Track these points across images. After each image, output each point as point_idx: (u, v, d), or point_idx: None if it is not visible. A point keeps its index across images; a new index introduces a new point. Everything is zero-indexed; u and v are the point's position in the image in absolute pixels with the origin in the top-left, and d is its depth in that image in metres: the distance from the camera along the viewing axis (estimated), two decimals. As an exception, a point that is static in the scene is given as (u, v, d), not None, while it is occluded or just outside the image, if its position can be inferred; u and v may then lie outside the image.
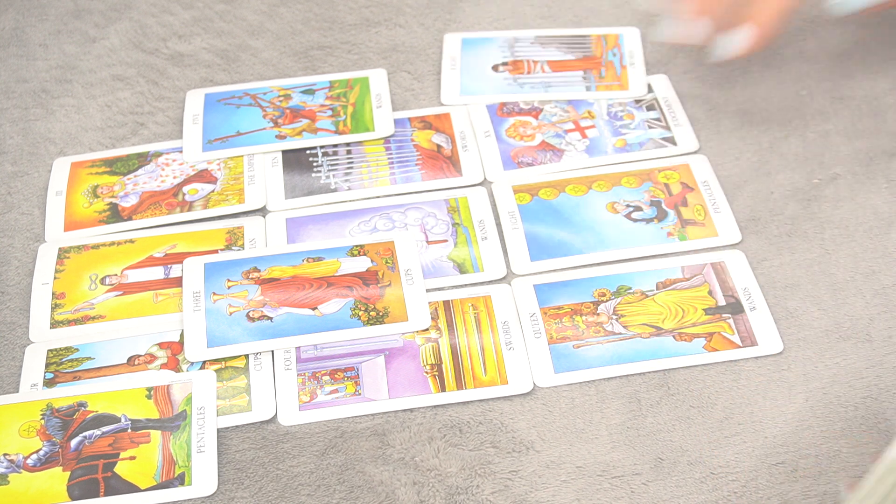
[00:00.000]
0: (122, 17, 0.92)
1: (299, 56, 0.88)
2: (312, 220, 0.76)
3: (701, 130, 0.80)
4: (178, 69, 0.87)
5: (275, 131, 0.81)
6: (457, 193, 0.77)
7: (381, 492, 0.62)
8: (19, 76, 0.87)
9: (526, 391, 0.66)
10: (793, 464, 0.62)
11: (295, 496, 0.62)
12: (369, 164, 0.79)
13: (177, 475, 0.63)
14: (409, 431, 0.65)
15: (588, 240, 0.73)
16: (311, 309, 0.70)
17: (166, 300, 0.71)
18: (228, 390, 0.66)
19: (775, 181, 0.77)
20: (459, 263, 0.73)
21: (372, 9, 0.91)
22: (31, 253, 0.75)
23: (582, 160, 0.78)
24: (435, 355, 0.68)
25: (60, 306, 0.71)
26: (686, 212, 0.75)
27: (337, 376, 0.67)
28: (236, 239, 0.75)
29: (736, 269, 0.71)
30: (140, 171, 0.79)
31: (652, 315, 0.69)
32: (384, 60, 0.87)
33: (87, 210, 0.77)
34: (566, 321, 0.69)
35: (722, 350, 0.67)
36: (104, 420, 0.65)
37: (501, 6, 0.91)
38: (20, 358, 0.69)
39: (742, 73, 0.84)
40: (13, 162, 0.81)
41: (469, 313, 0.70)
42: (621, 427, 0.64)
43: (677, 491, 0.61)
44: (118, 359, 0.68)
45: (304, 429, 0.65)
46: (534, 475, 0.62)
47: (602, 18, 0.89)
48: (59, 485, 0.62)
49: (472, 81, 0.84)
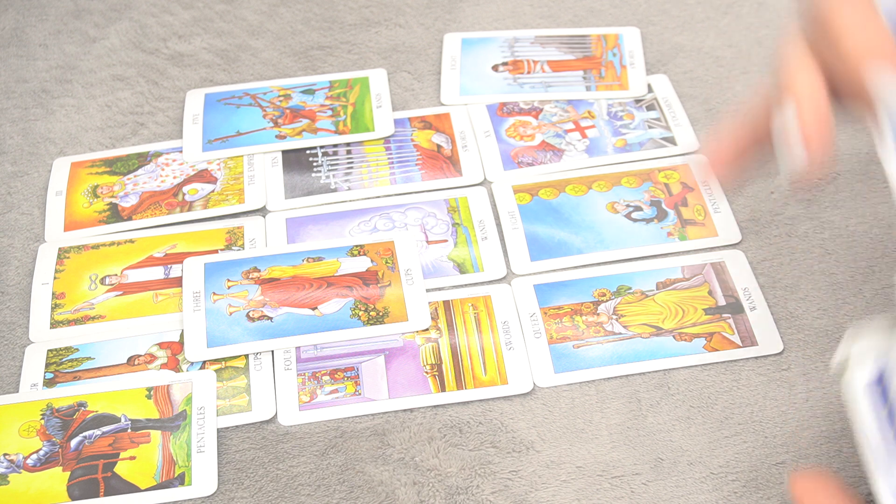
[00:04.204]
0: (122, 17, 0.92)
1: (299, 56, 0.88)
2: (312, 220, 0.76)
3: (701, 130, 0.80)
4: (178, 69, 0.87)
5: (275, 131, 0.81)
6: (457, 193, 0.77)
7: (381, 492, 0.62)
8: (19, 76, 0.87)
9: (526, 391, 0.66)
10: (793, 464, 0.62)
11: (295, 496, 0.62)
12: (369, 164, 0.79)
13: (177, 475, 0.63)
14: (409, 431, 0.65)
15: (588, 240, 0.74)
16: (311, 309, 0.70)
17: (166, 300, 0.71)
18: (228, 390, 0.67)
19: (775, 181, 0.77)
20: (459, 263, 0.73)
21: (372, 9, 0.91)
22: (31, 253, 0.75)
23: (582, 160, 0.79)
24: (435, 355, 0.68)
25: (60, 306, 0.71)
26: (686, 212, 0.75)
27: (337, 376, 0.67)
28: (236, 239, 0.75)
29: (736, 269, 0.71)
30: (140, 171, 0.79)
31: (652, 315, 0.69)
32: (384, 60, 0.87)
33: (87, 210, 0.77)
34: (566, 321, 0.69)
35: (722, 350, 0.67)
36: (104, 420, 0.65)
37: (501, 6, 0.91)
38: (20, 358, 0.69)
39: (742, 73, 0.84)
40: (13, 162, 0.81)
41: (469, 313, 0.70)
42: (621, 427, 0.64)
43: (677, 491, 0.61)
44: (118, 359, 0.68)
45: (304, 429, 0.65)
46: (534, 475, 0.62)
47: (602, 18, 0.89)
48: (59, 485, 0.62)
49: (472, 81, 0.84)
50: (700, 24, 0.89)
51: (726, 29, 0.88)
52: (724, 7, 0.90)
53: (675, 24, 0.89)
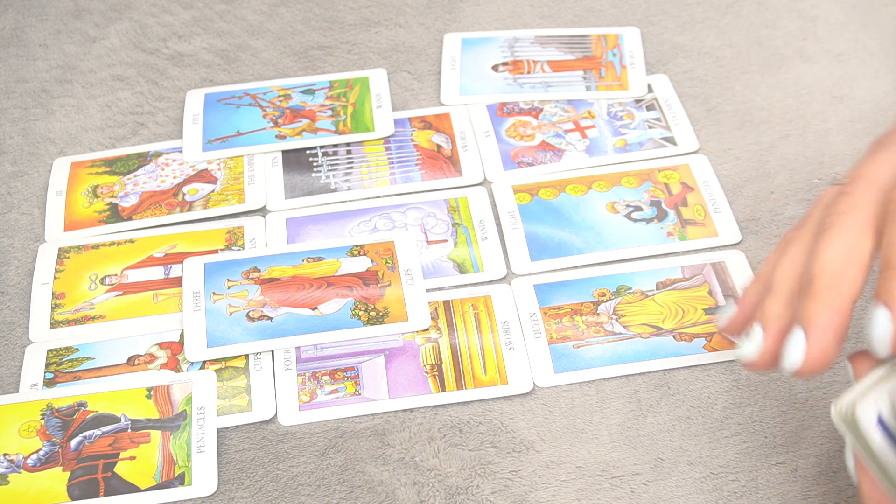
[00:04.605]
0: (122, 17, 0.92)
1: (299, 56, 0.88)
2: (312, 220, 0.76)
3: (701, 130, 0.80)
4: (178, 69, 0.87)
5: (275, 131, 0.81)
6: (457, 193, 0.77)
7: (381, 492, 0.62)
8: (19, 76, 0.87)
9: (526, 391, 0.66)
10: (793, 464, 0.62)
11: (295, 496, 0.62)
12: (369, 164, 0.79)
13: (177, 475, 0.63)
14: (409, 431, 0.65)
15: (588, 240, 0.74)
16: (311, 309, 0.70)
17: (166, 300, 0.71)
18: (228, 390, 0.67)
19: (775, 181, 0.77)
20: (459, 263, 0.73)
21: (372, 9, 0.91)
22: (31, 253, 0.75)
23: (582, 160, 0.79)
24: (435, 355, 0.68)
25: (60, 306, 0.71)
26: (686, 212, 0.75)
27: (337, 376, 0.67)
28: (236, 239, 0.75)
29: (736, 269, 0.71)
30: (140, 171, 0.79)
31: (652, 315, 0.69)
32: (384, 60, 0.87)
33: (87, 210, 0.77)
34: (566, 321, 0.69)
35: (722, 350, 0.67)
36: (104, 420, 0.65)
37: (501, 6, 0.91)
38: (20, 358, 0.69)
39: (742, 73, 0.84)
40: (13, 162, 0.81)
41: (469, 313, 0.70)
42: (621, 427, 0.64)
43: (677, 491, 0.61)
44: (118, 359, 0.68)
45: (304, 429, 0.65)
46: (534, 475, 0.62)
47: (602, 18, 0.89)
48: (59, 485, 0.62)
49: (472, 81, 0.84)
50: (700, 24, 0.89)
51: (726, 29, 0.88)
52: (724, 7, 0.90)
53: (675, 24, 0.89)
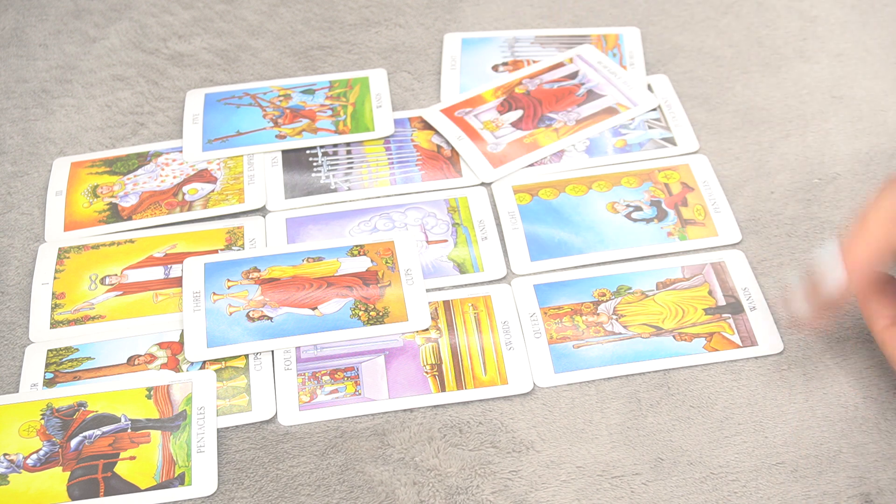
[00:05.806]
0: (122, 17, 0.92)
1: (299, 56, 0.88)
2: (312, 220, 0.76)
3: (701, 130, 0.80)
4: (178, 69, 0.87)
5: (275, 131, 0.81)
6: (457, 193, 0.77)
7: (381, 492, 0.62)
8: (19, 76, 0.87)
9: (526, 391, 0.66)
10: (793, 464, 0.62)
11: (295, 496, 0.62)
12: (369, 164, 0.79)
13: (177, 475, 0.63)
14: (409, 431, 0.65)
15: (588, 240, 0.74)
16: (311, 309, 0.70)
17: (166, 300, 0.71)
18: (228, 390, 0.67)
19: (775, 181, 0.77)
20: (459, 263, 0.73)
21: (372, 9, 0.91)
22: (31, 253, 0.75)
23: (582, 160, 0.79)
24: (435, 355, 0.68)
25: (60, 306, 0.71)
26: (686, 212, 0.75)
27: (337, 376, 0.67)
28: (236, 239, 0.75)
29: (736, 269, 0.71)
30: (140, 170, 0.79)
31: (652, 315, 0.69)
32: (384, 60, 0.87)
33: (87, 210, 0.77)
34: (566, 321, 0.69)
35: (722, 350, 0.67)
36: (104, 420, 0.65)
37: (501, 6, 0.91)
38: (20, 358, 0.69)
39: (742, 73, 0.84)
40: (13, 162, 0.81)
41: (469, 313, 0.70)
42: (621, 427, 0.64)
43: (677, 491, 0.61)
44: (118, 359, 0.68)
45: (304, 429, 0.65)
46: (534, 475, 0.62)
47: (602, 18, 0.89)
48: (59, 485, 0.62)
49: (472, 81, 0.84)
50: (700, 24, 0.89)
51: (726, 29, 0.88)
52: (724, 7, 0.90)
53: (675, 24, 0.89)
